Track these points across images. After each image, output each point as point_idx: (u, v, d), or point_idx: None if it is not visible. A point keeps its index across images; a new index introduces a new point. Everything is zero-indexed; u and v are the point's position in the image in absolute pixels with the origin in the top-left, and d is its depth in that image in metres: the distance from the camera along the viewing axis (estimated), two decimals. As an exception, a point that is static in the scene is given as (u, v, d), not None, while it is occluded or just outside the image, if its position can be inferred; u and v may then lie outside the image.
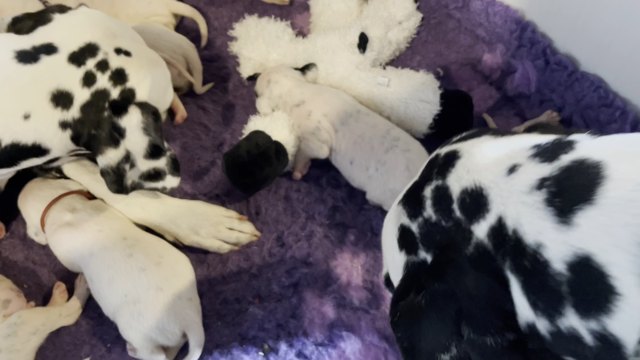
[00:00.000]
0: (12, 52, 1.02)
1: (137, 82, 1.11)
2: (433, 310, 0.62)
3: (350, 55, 1.52)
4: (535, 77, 1.53)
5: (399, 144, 1.36)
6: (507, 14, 1.58)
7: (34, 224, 1.37)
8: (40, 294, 1.38)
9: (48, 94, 1.03)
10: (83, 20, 1.10)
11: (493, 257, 0.58)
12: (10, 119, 1.01)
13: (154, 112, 1.11)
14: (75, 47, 1.06)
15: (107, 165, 1.09)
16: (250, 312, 1.30)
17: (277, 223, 1.44)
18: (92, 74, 1.06)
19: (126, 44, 1.13)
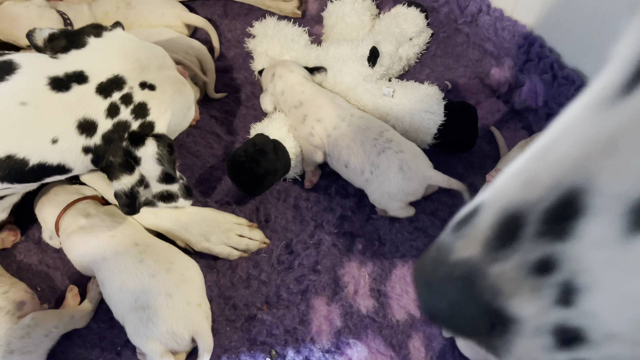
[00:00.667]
0: (47, 79, 1.07)
1: (157, 116, 1.17)
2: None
3: (359, 67, 1.55)
4: (542, 91, 1.55)
5: (392, 146, 1.37)
6: (515, 28, 1.60)
7: (49, 228, 1.40)
8: (53, 297, 1.41)
9: (75, 122, 1.09)
10: (115, 50, 1.15)
11: None
12: (40, 143, 1.07)
13: (169, 145, 1.17)
14: (104, 78, 1.12)
15: (122, 190, 1.15)
16: (258, 318, 1.32)
17: (286, 231, 1.46)
18: (117, 106, 1.13)
19: (152, 77, 1.18)
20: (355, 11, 1.71)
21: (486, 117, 1.63)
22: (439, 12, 1.79)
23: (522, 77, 1.58)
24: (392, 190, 1.37)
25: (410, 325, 1.32)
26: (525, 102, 1.58)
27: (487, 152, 1.57)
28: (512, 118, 1.62)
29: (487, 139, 1.60)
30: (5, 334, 1.22)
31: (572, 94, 1.48)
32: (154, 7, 1.78)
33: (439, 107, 1.49)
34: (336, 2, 1.74)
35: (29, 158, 1.07)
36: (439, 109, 1.49)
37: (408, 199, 1.40)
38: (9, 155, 1.05)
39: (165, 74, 1.22)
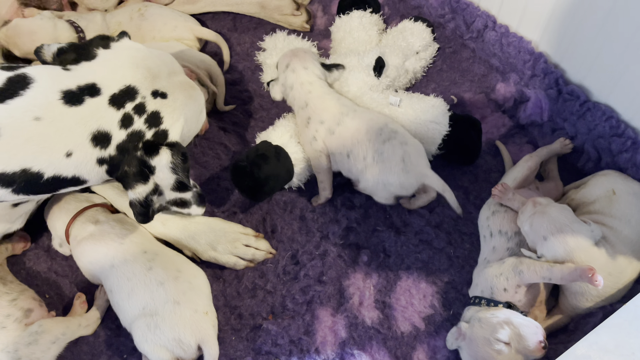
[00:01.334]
0: (59, 93, 1.09)
1: (171, 124, 1.18)
2: None
3: (365, 76, 1.57)
4: (547, 106, 1.56)
5: (397, 137, 1.40)
6: (520, 44, 1.62)
7: (59, 235, 1.42)
8: (61, 304, 1.42)
9: (89, 135, 1.10)
10: (125, 61, 1.17)
11: None
12: (54, 156, 1.07)
13: (183, 154, 1.18)
14: (116, 89, 1.13)
15: (136, 199, 1.15)
16: (264, 327, 1.33)
17: (292, 242, 1.47)
18: (130, 116, 1.13)
19: (163, 85, 1.19)
20: (362, 26, 1.74)
21: (491, 132, 1.64)
22: (446, 27, 1.81)
23: (527, 92, 1.60)
24: (390, 179, 1.39)
25: (414, 337, 1.32)
26: (530, 117, 1.59)
27: (492, 166, 1.59)
28: (517, 133, 1.64)
29: (492, 153, 1.61)
30: (13, 340, 1.23)
31: (576, 109, 1.49)
32: (167, 19, 1.81)
33: (444, 118, 1.51)
34: (344, 17, 1.77)
35: (43, 171, 1.08)
36: (444, 120, 1.51)
37: (400, 192, 1.42)
38: (24, 169, 1.06)
39: (175, 80, 1.23)
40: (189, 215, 1.26)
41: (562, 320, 1.26)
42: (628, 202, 1.28)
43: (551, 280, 1.16)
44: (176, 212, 1.24)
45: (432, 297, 1.37)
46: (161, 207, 1.21)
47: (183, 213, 1.25)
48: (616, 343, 0.94)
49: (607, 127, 1.43)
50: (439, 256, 1.43)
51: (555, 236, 1.18)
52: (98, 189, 1.47)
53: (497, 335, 1.11)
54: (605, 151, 1.45)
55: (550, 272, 1.15)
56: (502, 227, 1.32)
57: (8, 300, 1.28)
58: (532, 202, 1.26)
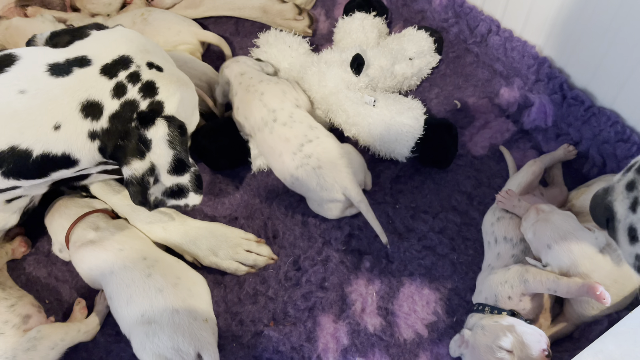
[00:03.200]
0: (45, 66, 1.05)
1: (166, 97, 1.13)
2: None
3: (342, 73, 1.56)
4: (552, 111, 1.55)
5: (310, 162, 1.40)
6: (524, 49, 1.61)
7: (59, 241, 1.41)
8: (60, 310, 1.41)
9: (78, 105, 1.05)
10: (119, 37, 1.14)
11: None
12: (42, 130, 1.03)
13: (180, 126, 1.12)
14: (108, 59, 1.09)
15: (132, 175, 1.10)
16: (265, 334, 1.32)
17: (293, 247, 1.46)
18: (123, 85, 1.09)
19: (158, 60, 1.16)
20: (362, 27, 1.74)
21: (495, 137, 1.63)
22: (449, 32, 1.80)
23: (531, 97, 1.59)
24: (316, 199, 1.43)
25: (417, 344, 1.31)
26: (534, 122, 1.58)
27: (496, 171, 1.57)
28: (521, 138, 1.62)
29: (495, 158, 1.60)
30: (11, 346, 1.22)
31: (581, 114, 1.48)
32: (171, 23, 1.81)
33: (417, 121, 1.50)
34: (347, 18, 1.77)
35: (32, 148, 1.04)
36: (417, 123, 1.50)
37: (339, 203, 1.43)
38: (12, 146, 1.02)
39: (169, 65, 1.19)
40: (186, 207, 1.21)
41: (567, 328, 1.24)
42: None
43: (556, 293, 1.14)
44: (173, 204, 1.20)
45: (436, 304, 1.36)
46: (157, 200, 1.18)
47: (180, 205, 1.20)
48: (622, 351, 0.93)
49: (612, 133, 1.42)
50: (442, 262, 1.41)
51: (560, 245, 1.17)
52: (99, 194, 1.46)
53: (500, 343, 1.09)
54: (610, 157, 1.44)
55: (556, 284, 1.13)
56: (507, 234, 1.31)
57: (6, 307, 1.27)
58: (534, 209, 1.25)
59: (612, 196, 0.76)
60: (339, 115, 1.58)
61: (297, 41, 1.76)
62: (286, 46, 1.73)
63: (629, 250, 0.75)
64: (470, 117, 1.68)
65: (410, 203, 1.53)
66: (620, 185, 0.76)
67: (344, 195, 1.40)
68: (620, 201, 0.74)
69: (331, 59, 1.60)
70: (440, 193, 1.55)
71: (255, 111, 1.50)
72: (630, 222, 0.73)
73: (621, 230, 0.75)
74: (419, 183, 1.57)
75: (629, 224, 0.73)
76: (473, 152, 1.62)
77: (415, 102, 1.56)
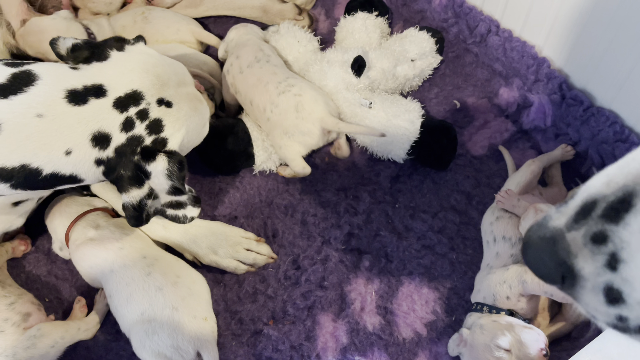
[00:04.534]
0: (64, 92, 1.09)
1: (171, 133, 1.19)
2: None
3: (343, 73, 1.57)
4: (551, 111, 1.55)
5: (292, 89, 1.50)
6: (524, 49, 1.61)
7: (59, 239, 1.41)
8: (60, 308, 1.41)
9: (90, 135, 1.10)
10: (136, 65, 1.17)
11: None
12: (54, 154, 1.08)
13: (179, 162, 1.17)
14: (122, 92, 1.14)
15: (130, 202, 1.16)
16: (264, 333, 1.32)
17: (293, 246, 1.47)
18: (132, 120, 1.14)
19: (170, 94, 1.20)
20: (365, 27, 1.74)
21: (494, 137, 1.63)
22: (449, 32, 1.81)
23: (530, 97, 1.59)
24: (289, 127, 1.47)
25: (416, 343, 1.31)
26: (533, 122, 1.59)
27: (495, 171, 1.58)
28: (520, 138, 1.63)
29: (495, 158, 1.60)
30: (11, 344, 1.23)
31: (580, 114, 1.48)
32: (170, 22, 1.82)
33: (413, 123, 1.51)
34: (349, 18, 1.78)
35: (42, 168, 1.08)
36: (412, 126, 1.51)
37: (305, 140, 1.48)
38: (23, 164, 1.07)
39: (183, 91, 1.23)
40: (185, 218, 1.26)
41: (565, 327, 1.25)
42: None
43: (552, 297, 1.15)
44: (172, 215, 1.24)
45: (435, 303, 1.36)
46: (157, 210, 1.21)
47: (179, 216, 1.25)
48: (620, 351, 0.93)
49: (611, 133, 1.43)
50: (441, 261, 1.42)
51: None
52: (99, 192, 1.47)
53: (498, 342, 1.10)
54: (609, 157, 1.44)
55: (553, 288, 1.13)
56: (506, 233, 1.31)
57: (6, 304, 1.28)
58: (533, 209, 1.25)
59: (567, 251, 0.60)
60: None
61: (307, 38, 1.77)
62: (295, 40, 1.74)
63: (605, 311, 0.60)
64: (469, 117, 1.68)
65: (409, 202, 1.54)
66: (578, 238, 0.59)
67: (319, 127, 1.47)
68: (588, 258, 0.59)
69: (334, 59, 1.61)
70: (439, 192, 1.55)
71: (250, 52, 1.62)
72: (607, 282, 0.58)
73: (589, 290, 0.60)
74: (418, 182, 1.57)
75: (605, 284, 0.59)
76: (472, 151, 1.63)
77: (413, 104, 1.56)
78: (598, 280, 0.59)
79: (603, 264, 0.58)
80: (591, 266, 0.59)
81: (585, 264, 0.59)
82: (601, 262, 0.58)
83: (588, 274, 0.60)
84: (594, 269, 0.59)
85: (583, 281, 0.60)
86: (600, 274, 0.58)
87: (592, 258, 0.59)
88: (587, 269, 0.59)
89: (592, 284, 0.60)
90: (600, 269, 0.58)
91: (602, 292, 0.59)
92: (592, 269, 0.59)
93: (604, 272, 0.58)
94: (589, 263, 0.59)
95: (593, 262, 0.59)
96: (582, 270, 0.60)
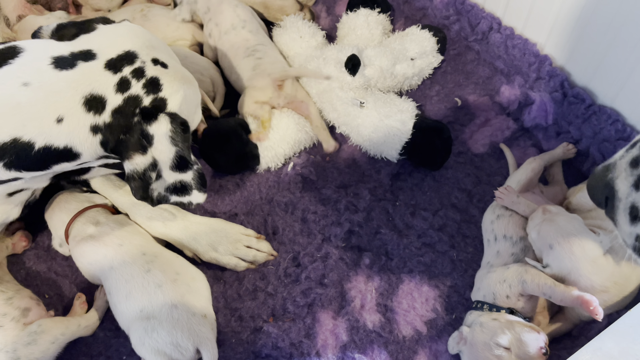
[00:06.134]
0: (50, 59, 1.05)
1: (170, 94, 1.14)
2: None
3: (337, 72, 1.58)
4: (552, 109, 1.55)
5: (256, 54, 1.67)
6: (525, 47, 1.61)
7: (59, 235, 1.41)
8: (61, 304, 1.41)
9: (81, 99, 1.06)
10: (125, 31, 1.14)
11: None
12: (44, 123, 1.04)
13: (182, 123, 1.13)
14: (113, 54, 1.10)
15: (134, 170, 1.10)
16: (264, 330, 1.32)
17: (293, 243, 1.46)
18: (127, 80, 1.09)
19: (164, 57, 1.17)
20: (367, 24, 1.74)
21: (495, 135, 1.63)
22: (450, 29, 1.80)
23: (532, 95, 1.59)
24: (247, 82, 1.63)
25: (416, 341, 1.31)
26: (534, 120, 1.58)
27: (495, 169, 1.57)
28: (521, 136, 1.62)
29: (495, 156, 1.60)
30: (12, 340, 1.23)
31: (582, 112, 1.48)
32: (170, 19, 1.81)
33: (405, 124, 1.50)
34: (351, 14, 1.78)
35: (34, 140, 1.04)
36: (404, 126, 1.50)
37: (257, 95, 1.59)
38: (14, 138, 1.03)
39: (174, 62, 1.20)
40: (190, 204, 1.22)
41: (565, 326, 1.24)
42: None
43: (551, 299, 1.14)
44: (176, 201, 1.20)
45: (435, 301, 1.36)
46: (160, 196, 1.18)
47: (184, 203, 1.21)
48: (620, 349, 0.93)
49: (613, 131, 1.42)
50: (441, 259, 1.42)
51: (562, 246, 1.17)
52: (99, 189, 1.47)
53: (497, 340, 1.09)
54: (610, 155, 1.42)
55: (552, 290, 1.13)
56: (507, 232, 1.31)
57: (4, 299, 1.28)
58: (542, 210, 1.25)
59: (614, 173, 0.71)
60: (330, 113, 1.62)
61: (311, 32, 1.77)
62: (298, 35, 1.75)
63: (629, 230, 0.70)
64: (470, 115, 1.67)
65: (410, 200, 1.53)
66: (623, 162, 0.70)
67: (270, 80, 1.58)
68: (623, 179, 0.69)
69: (330, 56, 1.61)
70: (440, 190, 1.55)
71: (227, 19, 1.74)
72: (633, 201, 0.68)
73: (621, 210, 0.70)
74: (419, 180, 1.57)
75: (631, 203, 0.68)
76: (473, 149, 1.62)
77: (406, 104, 1.55)
78: (627, 200, 0.68)
79: (631, 184, 0.68)
80: (625, 186, 0.69)
81: (621, 185, 0.69)
82: (630, 182, 0.68)
83: (622, 194, 0.69)
84: (626, 188, 0.69)
85: (618, 202, 0.70)
86: (629, 194, 0.68)
87: (626, 179, 0.68)
88: (622, 189, 0.69)
89: (623, 205, 0.69)
90: (630, 189, 0.68)
91: (628, 212, 0.68)
92: (625, 189, 0.69)
93: (631, 192, 0.67)
94: (624, 183, 0.69)
95: (626, 182, 0.68)
96: (619, 191, 0.69)
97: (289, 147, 1.59)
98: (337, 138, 1.67)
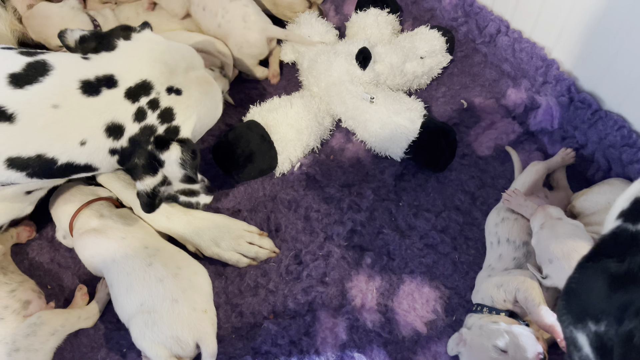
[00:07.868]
0: (78, 82, 1.11)
1: (183, 121, 1.22)
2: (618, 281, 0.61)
3: (348, 65, 1.57)
4: (558, 114, 1.54)
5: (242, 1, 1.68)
6: (533, 50, 1.60)
7: (63, 227, 1.42)
8: (62, 296, 1.42)
9: (104, 125, 1.13)
10: (143, 54, 1.19)
11: None
12: (69, 143, 1.11)
13: (192, 150, 1.21)
14: (132, 83, 1.16)
15: (143, 190, 1.19)
16: (264, 327, 1.32)
17: (295, 241, 1.47)
18: (144, 110, 1.17)
19: (179, 81, 1.22)
20: (377, 23, 1.74)
21: (501, 138, 1.63)
22: (458, 31, 1.80)
23: (538, 99, 1.58)
24: (237, 38, 1.66)
25: (415, 342, 1.31)
26: (540, 124, 1.58)
27: (500, 172, 1.57)
28: (526, 139, 1.62)
29: (500, 159, 1.59)
30: (11, 332, 1.23)
31: (588, 117, 1.47)
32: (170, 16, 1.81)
33: (414, 122, 1.50)
34: (360, 13, 1.77)
35: (57, 158, 1.11)
36: (412, 125, 1.50)
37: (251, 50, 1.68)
38: (39, 154, 1.09)
39: (192, 76, 1.25)
40: (198, 204, 1.30)
41: (565, 330, 1.24)
42: None
43: (529, 315, 1.16)
44: (185, 201, 1.28)
45: (435, 302, 1.36)
46: (169, 195, 1.25)
47: (192, 202, 1.29)
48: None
49: (619, 137, 1.42)
50: (443, 261, 1.42)
51: (561, 262, 1.15)
52: (104, 182, 1.47)
53: (495, 342, 1.10)
54: (615, 161, 1.43)
55: (533, 309, 1.14)
56: (511, 236, 1.31)
57: (7, 292, 1.28)
58: (542, 209, 1.24)
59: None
60: (338, 106, 1.61)
61: (324, 30, 1.77)
62: (306, 34, 1.75)
63: None
64: (476, 117, 1.67)
65: (413, 201, 1.53)
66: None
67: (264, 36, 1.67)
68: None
69: (340, 50, 1.61)
70: (443, 192, 1.55)
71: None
72: None
73: None
74: (423, 181, 1.57)
75: None
76: (478, 152, 1.62)
77: (416, 104, 1.55)
78: None
79: None
80: None
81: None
82: None
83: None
84: None
85: None
86: None
87: None
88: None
89: None
90: None
91: None
92: None
93: None
94: None
95: None
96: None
97: (301, 151, 1.59)
98: (343, 132, 1.67)
